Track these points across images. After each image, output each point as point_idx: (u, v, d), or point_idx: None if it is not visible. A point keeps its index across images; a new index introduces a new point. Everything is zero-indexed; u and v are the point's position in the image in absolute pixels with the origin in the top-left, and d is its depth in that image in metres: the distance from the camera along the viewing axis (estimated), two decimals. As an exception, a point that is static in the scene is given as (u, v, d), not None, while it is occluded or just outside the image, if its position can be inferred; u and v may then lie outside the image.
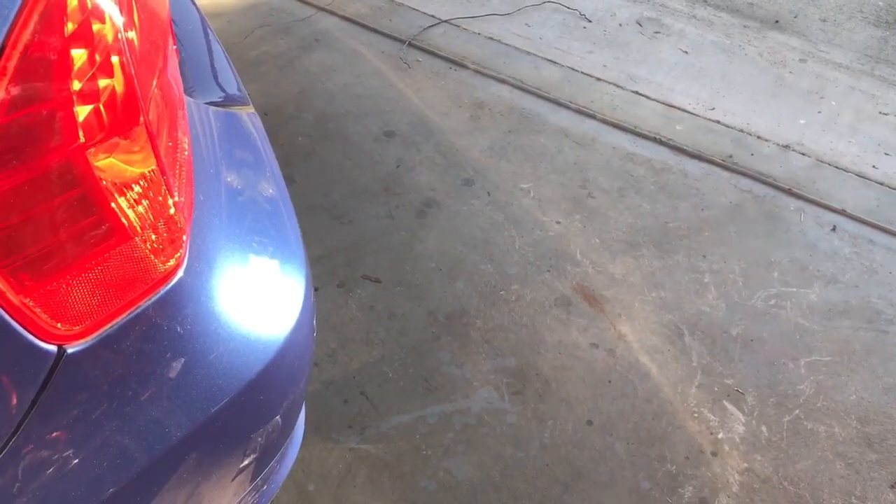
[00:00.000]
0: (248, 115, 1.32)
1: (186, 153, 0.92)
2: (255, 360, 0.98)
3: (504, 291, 2.32)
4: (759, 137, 2.87)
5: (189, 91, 1.29)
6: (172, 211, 0.84)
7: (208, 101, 1.29)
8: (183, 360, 0.90)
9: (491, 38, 3.22)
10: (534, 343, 2.20)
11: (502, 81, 3.02)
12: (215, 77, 1.42)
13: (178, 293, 0.88)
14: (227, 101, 1.33)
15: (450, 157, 2.70)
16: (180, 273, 0.88)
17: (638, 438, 2.03)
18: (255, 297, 1.01)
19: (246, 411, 1.01)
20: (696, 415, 2.09)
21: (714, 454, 2.01)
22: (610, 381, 2.14)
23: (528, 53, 3.17)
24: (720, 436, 2.05)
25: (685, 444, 2.03)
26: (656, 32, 3.33)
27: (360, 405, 2.05)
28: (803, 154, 2.83)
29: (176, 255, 0.86)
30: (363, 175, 2.62)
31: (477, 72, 3.05)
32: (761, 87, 3.13)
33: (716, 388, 2.14)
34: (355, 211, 2.51)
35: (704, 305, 2.33)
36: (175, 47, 1.02)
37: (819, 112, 3.04)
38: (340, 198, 2.54)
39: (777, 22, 3.51)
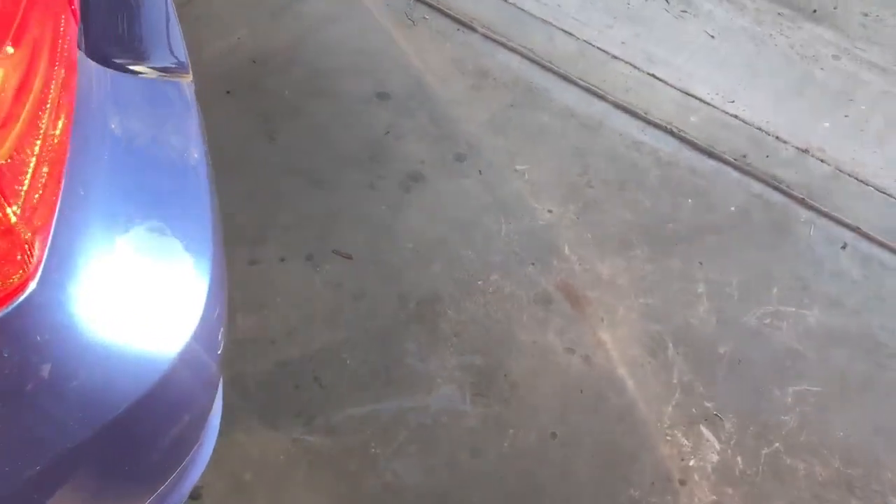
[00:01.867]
0: (185, 84, 1.17)
1: (56, 140, 0.76)
2: (128, 388, 0.84)
3: (482, 281, 2.17)
4: (777, 138, 2.67)
5: (137, 55, 1.14)
6: (14, 220, 0.69)
7: (150, 66, 1.14)
8: (29, 392, 0.76)
9: (505, 1, 3.01)
10: (506, 341, 2.06)
11: (512, 50, 2.82)
12: (168, 42, 1.26)
13: (26, 314, 0.74)
14: (167, 69, 1.17)
15: (444, 128, 2.53)
16: (30, 289, 0.74)
17: (603, 457, 1.90)
18: (137, 310, 0.87)
19: (116, 446, 0.88)
20: (668, 437, 1.95)
21: (682, 483, 1.88)
22: (581, 391, 2.00)
23: (544, 21, 2.96)
24: (691, 463, 1.92)
25: (653, 469, 1.89)
26: (683, 11, 3.11)
27: (312, 392, 1.92)
28: (822, 161, 2.63)
29: (20, 272, 0.71)
30: (349, 139, 2.45)
31: (486, 36, 2.85)
32: (787, 82, 2.92)
33: (694, 410, 2.00)
34: (336, 178, 2.35)
35: (694, 318, 2.17)
36: (73, 7, 0.86)
37: (846, 116, 2.83)
38: (322, 162, 2.38)
39: (815, 12, 3.28)
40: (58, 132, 0.77)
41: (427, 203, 2.32)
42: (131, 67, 1.07)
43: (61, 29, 0.81)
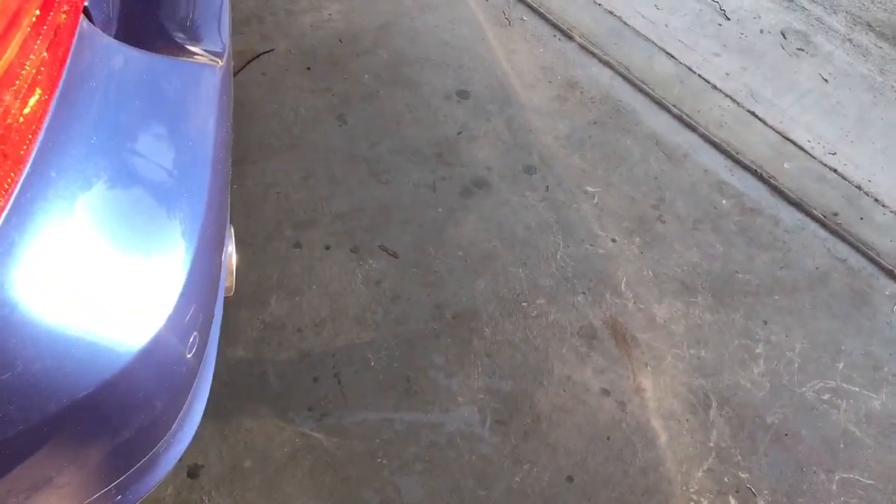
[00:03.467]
0: (217, 69, 1.11)
1: (23, 119, 0.72)
2: (77, 378, 0.80)
3: (526, 303, 2.07)
4: (876, 200, 2.47)
5: (168, 35, 1.09)
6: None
7: (181, 47, 1.09)
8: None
9: (610, 13, 2.88)
10: (539, 371, 1.96)
11: (606, 64, 2.69)
12: (214, 25, 1.21)
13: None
14: (201, 52, 1.12)
15: (519, 137, 2.43)
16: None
17: (618, 512, 1.79)
18: (95, 300, 0.81)
19: (61, 435, 0.83)
20: (692, 503, 1.82)
21: (697, 556, 1.75)
22: (609, 438, 1.89)
23: (647, 39, 2.82)
24: (712, 536, 1.78)
25: (668, 535, 1.77)
26: (799, 49, 2.92)
27: (329, 388, 1.87)
28: (923, 233, 2.42)
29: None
30: (420, 133, 2.38)
31: (582, 46, 2.73)
32: (901, 140, 2.70)
33: (726, 479, 1.86)
34: (397, 171, 2.28)
35: (746, 380, 2.02)
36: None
37: (959, 187, 2.60)
38: (387, 152, 2.32)
39: (947, 68, 3.02)
40: (27, 110, 0.72)
41: (486, 212, 2.23)
42: (159, 47, 1.02)
43: (55, 2, 0.76)
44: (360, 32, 2.63)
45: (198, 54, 1.07)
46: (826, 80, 2.83)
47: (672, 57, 2.78)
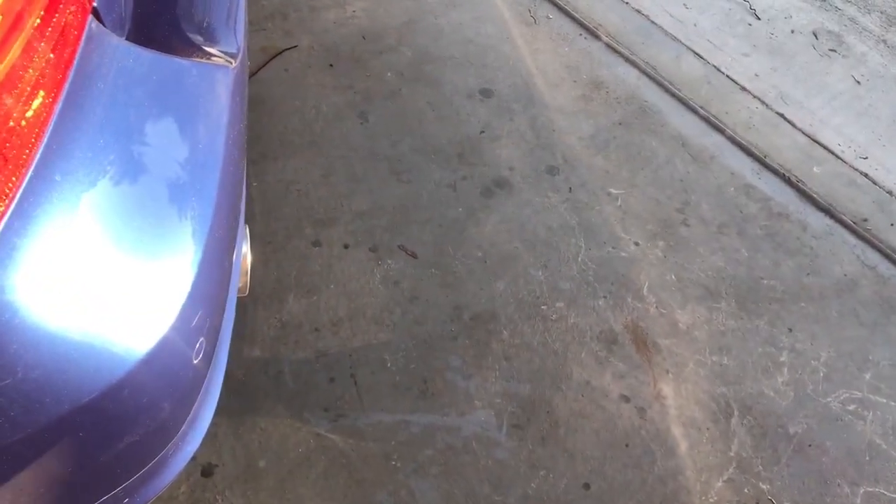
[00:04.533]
0: (230, 70, 1.10)
1: (25, 123, 0.70)
2: (73, 389, 0.79)
3: (546, 307, 2.04)
4: (908, 206, 2.42)
5: (182, 37, 1.08)
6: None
7: (195, 49, 1.07)
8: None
9: (638, 12, 2.83)
10: (558, 375, 1.93)
11: (632, 64, 2.65)
12: (226, 25, 1.20)
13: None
14: (216, 54, 1.10)
15: (542, 137, 2.40)
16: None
17: (635, 521, 1.76)
18: (96, 306, 0.80)
19: (61, 441, 0.82)
20: (712, 514, 1.79)
21: (716, 568, 1.72)
22: (627, 445, 1.86)
23: (674, 39, 2.78)
24: (731, 548, 1.75)
25: (686, 546, 1.74)
26: (832, 50, 2.85)
27: (345, 389, 1.85)
28: (956, 240, 2.36)
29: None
30: (441, 132, 2.36)
31: (609, 46, 2.70)
32: (935, 145, 2.63)
33: (746, 490, 1.83)
34: (418, 170, 2.26)
35: (769, 388, 1.98)
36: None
37: None
38: (408, 151, 2.30)
39: (984, 71, 2.95)
40: (30, 113, 0.71)
41: (507, 213, 2.21)
42: (172, 48, 1.01)
43: (60, 3, 0.75)
44: (383, 30, 2.61)
45: (211, 55, 1.06)
46: (858, 82, 2.77)
47: (700, 57, 2.74)
